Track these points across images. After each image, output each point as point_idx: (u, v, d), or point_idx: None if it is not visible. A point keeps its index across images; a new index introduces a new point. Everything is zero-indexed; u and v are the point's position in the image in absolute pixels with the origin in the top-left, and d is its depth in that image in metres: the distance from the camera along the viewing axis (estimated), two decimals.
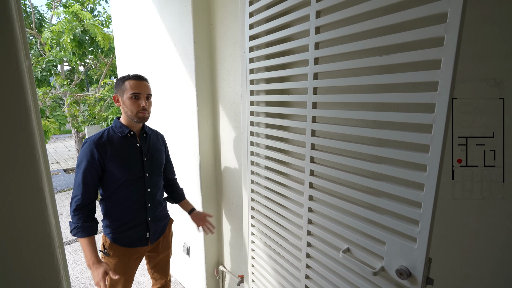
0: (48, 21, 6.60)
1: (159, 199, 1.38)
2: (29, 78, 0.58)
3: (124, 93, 1.22)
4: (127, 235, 1.29)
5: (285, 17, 0.94)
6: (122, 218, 1.27)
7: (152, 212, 1.34)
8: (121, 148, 1.23)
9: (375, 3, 0.67)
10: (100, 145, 1.19)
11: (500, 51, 0.67)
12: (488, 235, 0.74)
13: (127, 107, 1.22)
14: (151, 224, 1.33)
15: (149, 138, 1.34)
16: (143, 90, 1.23)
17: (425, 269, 0.66)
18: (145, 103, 1.23)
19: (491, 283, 0.75)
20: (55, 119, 4.29)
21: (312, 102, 0.88)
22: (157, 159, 1.35)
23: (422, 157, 0.63)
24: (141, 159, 1.28)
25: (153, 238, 1.36)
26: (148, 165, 1.30)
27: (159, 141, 1.41)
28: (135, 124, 1.28)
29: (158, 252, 1.46)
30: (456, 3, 0.53)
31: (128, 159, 1.24)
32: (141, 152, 1.28)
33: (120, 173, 1.22)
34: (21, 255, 0.55)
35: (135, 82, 1.22)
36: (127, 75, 1.25)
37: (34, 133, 0.55)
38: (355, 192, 0.79)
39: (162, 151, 1.41)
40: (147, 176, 1.30)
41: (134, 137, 1.28)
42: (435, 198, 0.61)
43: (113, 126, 1.28)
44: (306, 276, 1.02)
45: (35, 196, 0.55)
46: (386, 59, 0.67)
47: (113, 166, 1.20)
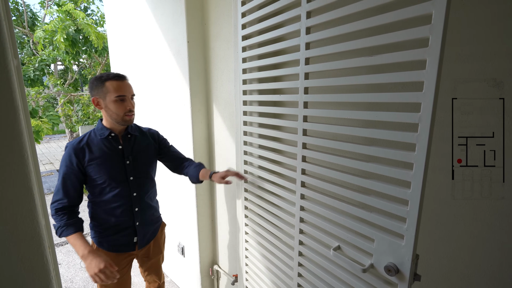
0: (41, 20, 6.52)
1: (148, 203, 1.32)
2: (17, 77, 0.58)
3: (107, 96, 1.13)
4: (113, 239, 1.24)
5: (276, 18, 0.94)
6: (107, 222, 1.22)
7: (140, 216, 1.28)
8: (100, 151, 1.17)
9: (363, 4, 0.68)
10: (79, 150, 1.14)
11: (500, 51, 0.67)
12: (488, 235, 0.75)
13: (112, 111, 1.15)
14: (139, 229, 1.28)
15: (133, 139, 1.27)
16: (127, 91, 1.17)
17: (412, 266, 0.67)
18: (131, 105, 1.18)
19: (491, 283, 0.76)
20: (48, 119, 4.24)
21: (303, 101, 0.89)
22: (142, 161, 1.27)
23: (409, 155, 0.64)
24: (122, 162, 1.21)
25: (141, 243, 1.31)
26: (132, 169, 1.23)
27: (147, 141, 1.33)
28: (118, 126, 1.21)
29: (149, 257, 1.41)
30: (440, 4, 0.54)
31: (108, 163, 1.17)
32: (123, 155, 1.22)
33: (101, 177, 1.16)
34: (10, 256, 0.54)
35: (118, 83, 1.14)
36: (106, 75, 1.15)
37: (22, 133, 0.55)
38: (345, 191, 0.80)
39: (150, 151, 1.32)
40: (132, 179, 1.23)
41: (115, 139, 1.21)
42: (421, 196, 0.63)
43: (95, 128, 1.22)
44: (299, 274, 1.03)
45: (23, 196, 0.55)
46: (374, 59, 0.68)
47: (93, 170, 1.15)
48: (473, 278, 0.79)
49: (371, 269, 0.76)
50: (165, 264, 2.34)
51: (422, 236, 0.85)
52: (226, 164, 1.64)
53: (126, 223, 1.25)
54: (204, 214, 1.82)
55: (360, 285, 0.80)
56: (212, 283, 1.95)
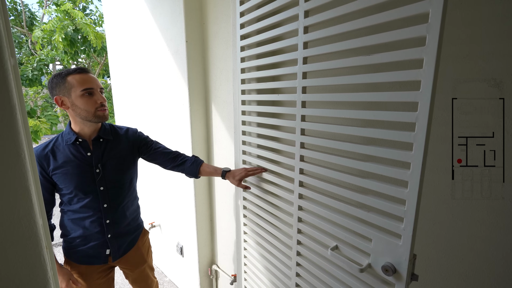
0: (39, 20, 6.50)
1: (122, 214, 1.19)
2: (14, 76, 0.57)
3: (72, 92, 1.00)
4: (82, 251, 1.13)
5: (275, 17, 0.94)
6: (74, 232, 1.12)
7: (113, 228, 1.16)
8: (65, 159, 1.05)
9: (361, 3, 0.68)
10: (42, 157, 1.05)
11: (500, 51, 0.67)
12: (488, 235, 0.75)
13: (81, 108, 1.02)
14: (111, 241, 1.16)
15: (105, 144, 1.13)
16: (95, 83, 1.04)
17: (410, 266, 0.67)
18: (103, 99, 1.06)
19: (492, 283, 0.76)
20: (47, 119, 4.23)
21: (301, 101, 0.89)
22: (114, 169, 1.13)
23: (406, 155, 0.64)
24: (91, 172, 1.08)
25: (116, 255, 1.19)
26: (102, 178, 1.10)
27: (121, 145, 1.18)
28: (88, 129, 1.08)
29: (131, 269, 1.30)
30: (437, 3, 0.54)
31: (74, 172, 1.06)
32: (92, 163, 1.09)
33: (66, 187, 1.06)
34: (6, 255, 0.54)
35: (82, 76, 1.02)
36: (66, 70, 1.03)
37: (19, 132, 0.54)
38: (343, 190, 0.80)
39: (125, 156, 1.18)
40: (102, 189, 1.11)
41: (84, 145, 1.09)
42: (418, 195, 0.62)
43: (63, 133, 1.11)
44: (297, 274, 1.03)
45: (20, 196, 0.55)
46: (371, 58, 0.68)
47: (58, 179, 1.05)
48: (472, 278, 0.80)
49: (369, 269, 0.76)
50: (164, 264, 2.34)
51: (422, 236, 0.85)
52: (225, 164, 1.64)
53: (95, 235, 1.13)
54: (203, 214, 1.81)
55: (357, 284, 0.79)
56: (210, 283, 1.95)
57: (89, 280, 1.17)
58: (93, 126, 1.10)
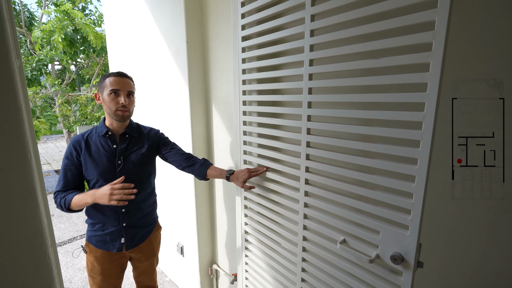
0: (38, 20, 6.49)
1: (137, 205, 1.29)
2: (20, 77, 0.58)
3: (104, 90, 1.18)
4: (101, 236, 1.25)
5: (279, 20, 0.96)
6: (95, 218, 1.25)
7: (128, 218, 1.27)
8: (95, 148, 1.20)
9: (368, 10, 0.71)
10: (76, 142, 1.20)
11: (500, 51, 0.69)
12: (488, 235, 0.75)
13: (106, 104, 1.18)
14: (126, 230, 1.27)
15: (129, 139, 1.27)
16: (123, 86, 1.18)
17: (417, 254, 0.71)
18: (125, 100, 1.18)
19: (491, 284, 0.77)
20: (46, 119, 4.22)
21: (307, 101, 0.91)
22: (134, 163, 1.25)
23: (413, 151, 0.67)
24: (114, 162, 1.22)
25: (129, 245, 1.29)
26: (122, 169, 1.23)
27: (144, 142, 1.30)
28: (117, 125, 1.23)
29: (142, 260, 1.40)
30: (442, 13, 0.58)
31: (99, 160, 1.19)
32: (115, 154, 1.22)
33: (91, 173, 1.19)
34: (13, 254, 0.55)
35: (115, 79, 1.18)
36: (110, 73, 1.21)
37: (25, 133, 0.55)
38: (351, 186, 0.83)
39: (146, 153, 1.29)
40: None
41: (112, 138, 1.23)
42: (425, 189, 0.66)
43: (97, 126, 1.26)
44: (303, 269, 1.05)
45: (26, 195, 0.55)
46: (380, 61, 0.71)
47: (85, 165, 1.19)
48: (471, 278, 0.81)
49: (377, 260, 0.79)
50: (164, 263, 2.34)
51: (422, 236, 0.85)
52: (225, 164, 1.65)
53: (112, 222, 1.25)
54: (203, 213, 1.82)
55: (366, 275, 0.83)
56: (211, 283, 1.96)
57: (103, 265, 1.28)
58: (121, 123, 1.24)
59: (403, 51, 0.67)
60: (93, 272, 1.29)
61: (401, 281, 0.74)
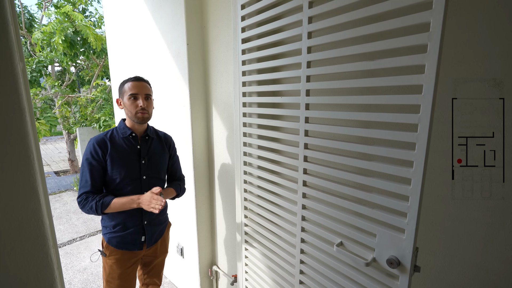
0: (38, 21, 6.50)
1: None
2: (23, 79, 0.59)
3: (124, 95, 1.25)
4: (122, 237, 1.29)
5: (277, 22, 0.96)
6: (117, 219, 1.28)
7: (149, 216, 1.33)
8: (120, 148, 1.25)
9: (365, 11, 0.71)
10: (101, 141, 1.23)
11: (500, 51, 0.69)
12: (488, 235, 0.75)
13: (127, 109, 1.25)
14: (147, 228, 1.33)
15: (150, 141, 1.35)
16: (140, 90, 1.24)
17: (413, 258, 0.70)
18: (143, 103, 1.24)
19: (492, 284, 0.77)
20: (46, 121, 4.23)
21: (305, 103, 0.91)
22: (155, 162, 1.34)
23: (409, 154, 0.67)
24: (139, 161, 1.28)
25: (149, 243, 1.36)
26: (146, 168, 1.30)
27: (161, 144, 1.40)
28: (138, 127, 1.29)
29: (155, 256, 1.46)
30: (437, 14, 0.58)
31: (125, 159, 1.25)
32: (140, 154, 1.29)
33: (117, 172, 1.23)
34: (15, 255, 0.55)
35: (133, 83, 1.24)
36: (127, 78, 1.27)
37: (28, 134, 0.56)
38: (347, 189, 0.83)
39: (163, 154, 1.39)
40: (144, 178, 1.30)
41: (135, 139, 1.29)
42: (421, 191, 0.66)
43: (117, 127, 1.31)
44: (301, 271, 1.05)
45: (29, 196, 0.56)
46: (376, 63, 0.71)
47: (110, 164, 1.22)
48: (471, 277, 0.81)
49: (373, 263, 0.79)
50: (164, 265, 2.34)
51: (422, 236, 0.86)
52: (224, 165, 1.65)
53: (135, 221, 1.30)
54: (203, 215, 1.83)
55: (362, 279, 0.82)
56: (211, 284, 1.96)
57: (124, 265, 1.32)
58: (142, 125, 1.30)
59: (399, 53, 0.67)
60: (110, 276, 1.32)
61: (398, 285, 0.74)
